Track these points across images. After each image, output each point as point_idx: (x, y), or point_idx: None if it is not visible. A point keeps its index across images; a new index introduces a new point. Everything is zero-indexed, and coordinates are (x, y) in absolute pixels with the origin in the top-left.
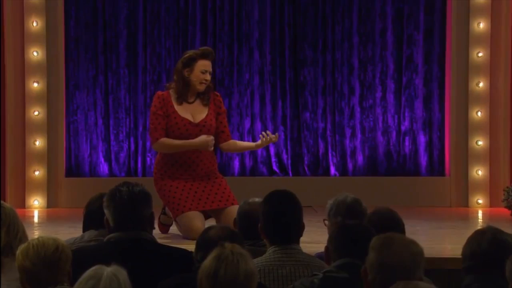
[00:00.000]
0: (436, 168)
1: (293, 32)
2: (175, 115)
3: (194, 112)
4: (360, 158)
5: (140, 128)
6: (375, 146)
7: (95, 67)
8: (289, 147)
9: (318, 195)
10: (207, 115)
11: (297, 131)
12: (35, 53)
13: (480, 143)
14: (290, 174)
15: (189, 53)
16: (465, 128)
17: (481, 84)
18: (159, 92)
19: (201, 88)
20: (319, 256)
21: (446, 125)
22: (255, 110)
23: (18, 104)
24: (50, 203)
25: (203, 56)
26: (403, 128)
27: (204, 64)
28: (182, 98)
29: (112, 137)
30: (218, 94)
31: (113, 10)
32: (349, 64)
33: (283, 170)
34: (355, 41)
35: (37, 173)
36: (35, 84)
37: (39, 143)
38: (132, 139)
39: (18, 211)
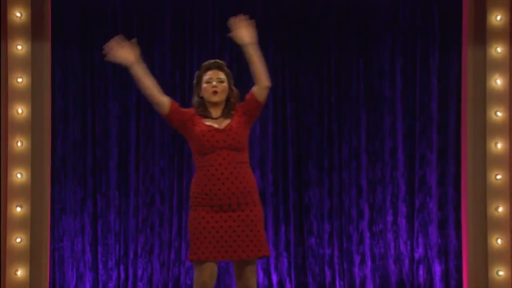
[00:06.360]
0: None
1: (297, 151)
2: (200, 123)
3: (219, 122)
4: None
5: (131, 255)
6: (386, 275)
7: (83, 189)
8: (293, 276)
9: None
10: (232, 119)
11: (301, 258)
12: (19, 175)
13: (500, 273)
14: None
15: (196, 74)
16: (483, 256)
17: (500, 209)
18: None
19: (214, 98)
20: None
21: (464, 253)
22: None
23: None
24: None
25: (206, 69)
26: (416, 255)
27: (207, 75)
28: (203, 114)
29: (100, 265)
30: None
31: (104, 126)
32: (357, 185)
33: None
34: (363, 160)
35: None
36: (18, 209)
37: (20, 273)
38: (122, 267)
39: None
